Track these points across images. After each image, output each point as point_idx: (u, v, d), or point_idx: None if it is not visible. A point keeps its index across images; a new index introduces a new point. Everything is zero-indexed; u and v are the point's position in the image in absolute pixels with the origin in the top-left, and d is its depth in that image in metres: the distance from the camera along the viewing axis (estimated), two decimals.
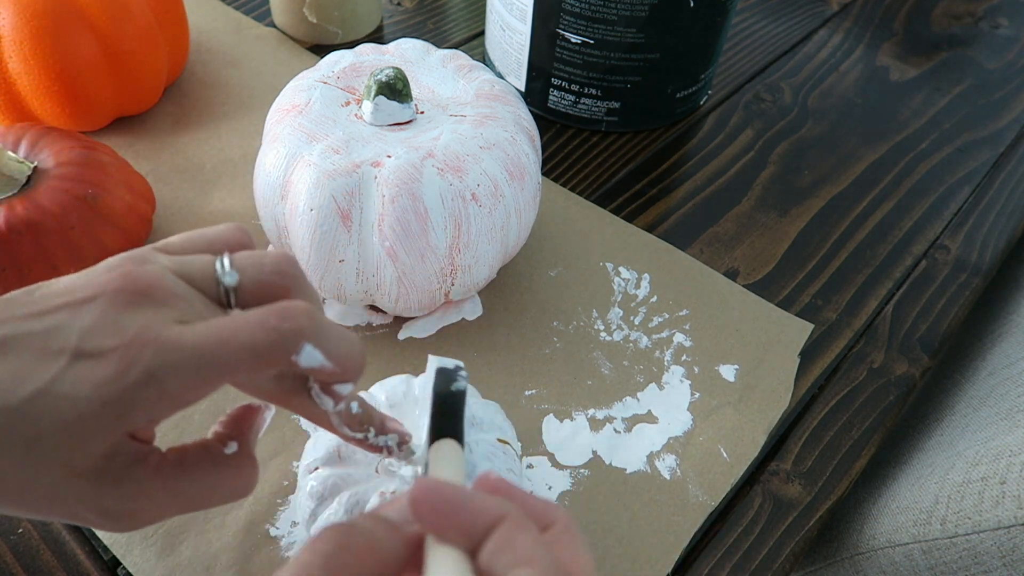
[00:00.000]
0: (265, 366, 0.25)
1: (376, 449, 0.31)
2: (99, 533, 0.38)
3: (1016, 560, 0.40)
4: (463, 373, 0.33)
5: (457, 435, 0.30)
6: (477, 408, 0.37)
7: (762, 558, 0.39)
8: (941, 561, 0.43)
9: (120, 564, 0.37)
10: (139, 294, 0.25)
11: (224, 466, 0.28)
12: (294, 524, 0.38)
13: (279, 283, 0.27)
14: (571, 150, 0.61)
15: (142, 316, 0.24)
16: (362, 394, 0.37)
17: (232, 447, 0.28)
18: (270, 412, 0.31)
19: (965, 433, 0.47)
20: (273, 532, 0.38)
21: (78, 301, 0.25)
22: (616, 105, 0.60)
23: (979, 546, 0.41)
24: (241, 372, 0.24)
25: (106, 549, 0.37)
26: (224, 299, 0.27)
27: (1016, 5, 0.81)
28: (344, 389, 0.28)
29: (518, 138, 0.43)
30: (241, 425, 0.30)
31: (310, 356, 0.25)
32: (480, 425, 0.37)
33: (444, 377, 0.32)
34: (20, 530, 0.38)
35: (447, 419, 0.31)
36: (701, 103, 0.65)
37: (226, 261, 0.27)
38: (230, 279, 0.26)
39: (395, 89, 0.42)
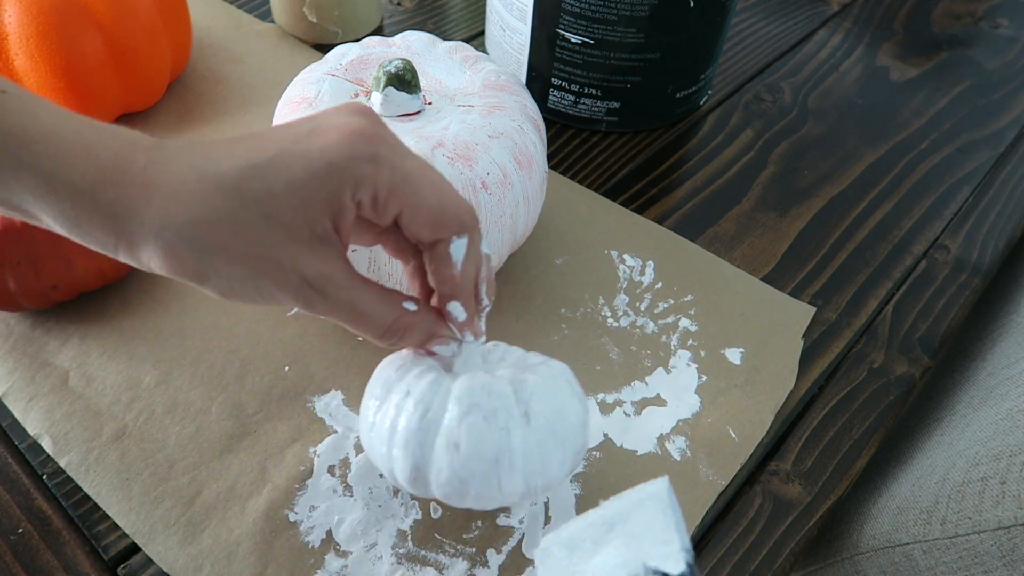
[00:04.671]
0: (442, 222, 0.31)
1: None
2: (120, 522, 0.38)
3: (1016, 560, 0.40)
4: None
5: None
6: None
7: (762, 558, 0.39)
8: (941, 561, 0.43)
9: (120, 564, 0.37)
10: (357, 141, 0.30)
11: (395, 305, 0.32)
12: (312, 508, 0.39)
13: None
14: (571, 150, 0.61)
15: (372, 121, 0.30)
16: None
17: (411, 305, 0.33)
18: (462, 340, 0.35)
19: (965, 433, 0.47)
20: (292, 517, 0.38)
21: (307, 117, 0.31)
22: (616, 105, 0.60)
23: (979, 546, 0.41)
24: (427, 208, 0.31)
25: (106, 549, 0.37)
26: None
27: (1016, 5, 0.81)
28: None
29: (525, 127, 0.44)
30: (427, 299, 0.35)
31: (459, 249, 0.32)
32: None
33: None
34: (20, 530, 0.38)
35: None
36: (701, 103, 0.65)
37: None
38: None
39: (404, 80, 0.42)
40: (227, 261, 0.29)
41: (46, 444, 0.41)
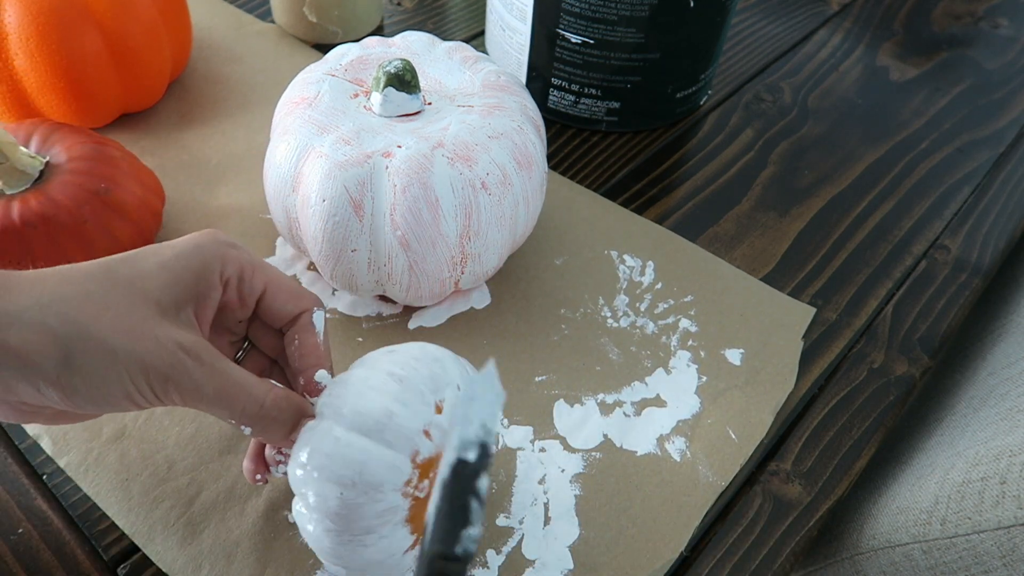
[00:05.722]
0: (301, 295, 0.35)
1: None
2: (120, 522, 0.38)
3: (1016, 560, 0.40)
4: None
5: None
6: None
7: (762, 558, 0.39)
8: (941, 561, 0.43)
9: (120, 564, 0.37)
10: (217, 233, 0.34)
11: (265, 380, 0.32)
12: None
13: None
14: (571, 150, 0.61)
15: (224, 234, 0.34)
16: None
17: (275, 382, 0.33)
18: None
19: (965, 433, 0.47)
20: (292, 518, 0.38)
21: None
22: (616, 105, 0.60)
23: (979, 546, 0.41)
24: (286, 283, 0.35)
25: (106, 549, 0.37)
26: None
27: (1016, 5, 0.81)
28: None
29: (525, 127, 0.44)
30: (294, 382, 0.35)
31: (319, 319, 0.35)
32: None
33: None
34: (20, 530, 0.38)
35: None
36: (701, 103, 0.65)
37: None
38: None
39: (404, 80, 0.42)
40: (97, 338, 0.28)
41: (45, 444, 0.41)
